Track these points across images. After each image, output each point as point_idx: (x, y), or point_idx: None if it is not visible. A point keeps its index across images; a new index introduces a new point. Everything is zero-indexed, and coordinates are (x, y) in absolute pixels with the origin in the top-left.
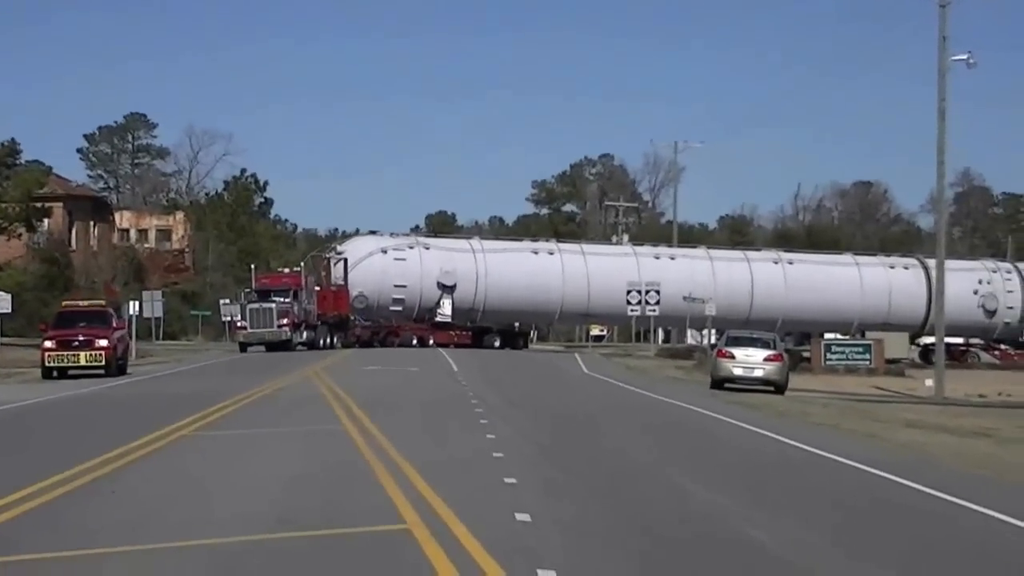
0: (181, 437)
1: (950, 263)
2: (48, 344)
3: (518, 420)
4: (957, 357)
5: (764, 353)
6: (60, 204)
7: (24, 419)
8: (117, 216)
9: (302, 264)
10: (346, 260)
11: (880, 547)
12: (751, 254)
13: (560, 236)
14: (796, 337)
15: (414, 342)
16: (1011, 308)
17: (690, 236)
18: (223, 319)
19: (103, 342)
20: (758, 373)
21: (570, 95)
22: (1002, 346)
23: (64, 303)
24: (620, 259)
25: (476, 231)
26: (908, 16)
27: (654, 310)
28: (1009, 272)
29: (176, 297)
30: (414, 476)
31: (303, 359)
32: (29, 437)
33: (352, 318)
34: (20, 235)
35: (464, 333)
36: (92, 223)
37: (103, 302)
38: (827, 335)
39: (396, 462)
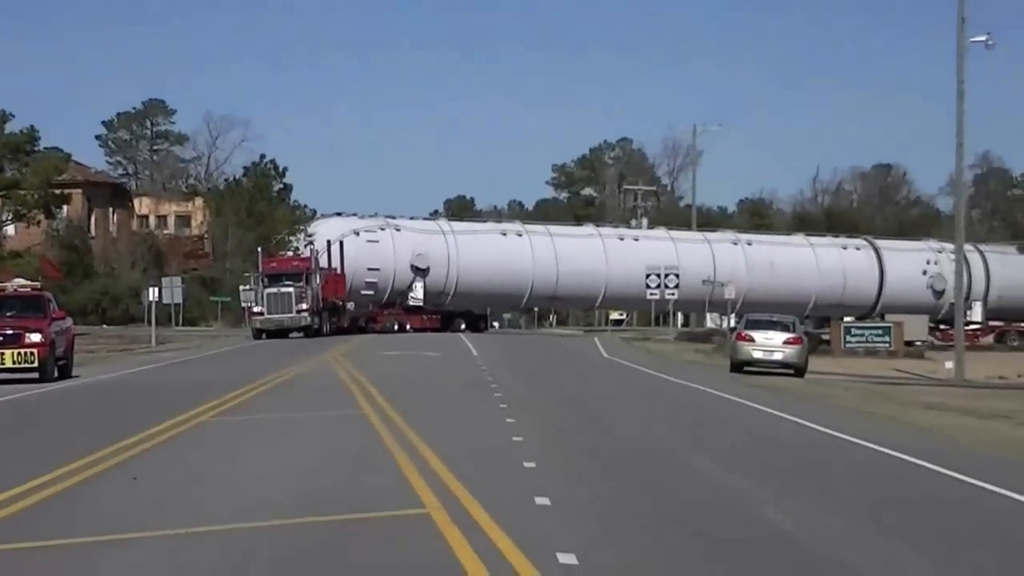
0: (202, 423)
1: (897, 243)
2: None
3: (538, 405)
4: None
5: (784, 336)
6: (79, 191)
7: (35, 409)
8: (136, 202)
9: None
10: (329, 242)
11: (903, 529)
12: (711, 235)
13: (579, 219)
14: (815, 320)
15: (395, 328)
16: None
17: (709, 220)
18: (243, 305)
19: (35, 336)
20: (778, 356)
21: (588, 78)
22: (942, 327)
23: None
24: (585, 240)
25: (495, 215)
26: None
27: (673, 294)
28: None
29: (196, 283)
30: (434, 461)
31: (322, 346)
32: (43, 425)
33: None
34: (39, 222)
35: (434, 317)
36: (111, 209)
37: (37, 284)
38: (846, 318)
39: (416, 447)
